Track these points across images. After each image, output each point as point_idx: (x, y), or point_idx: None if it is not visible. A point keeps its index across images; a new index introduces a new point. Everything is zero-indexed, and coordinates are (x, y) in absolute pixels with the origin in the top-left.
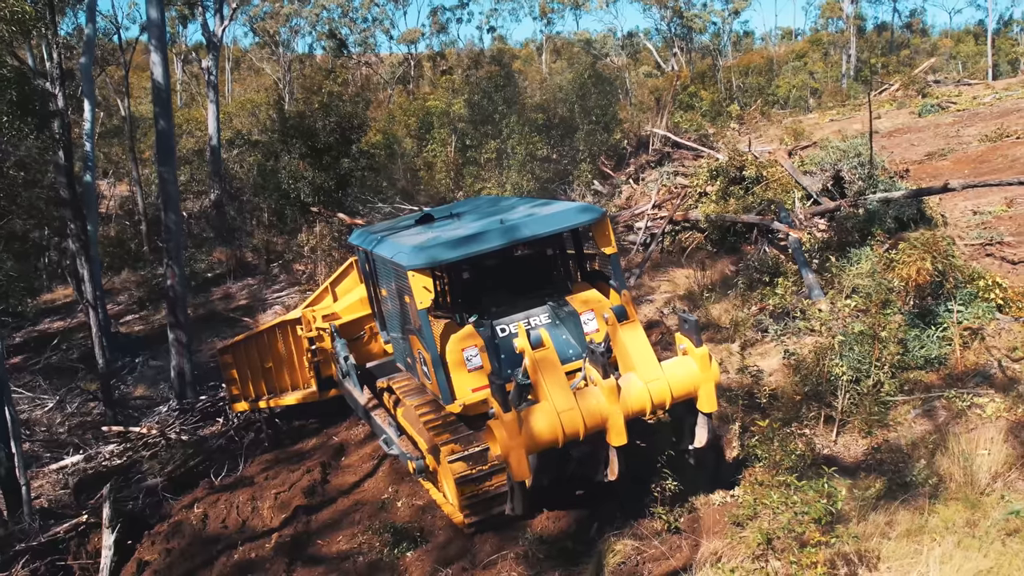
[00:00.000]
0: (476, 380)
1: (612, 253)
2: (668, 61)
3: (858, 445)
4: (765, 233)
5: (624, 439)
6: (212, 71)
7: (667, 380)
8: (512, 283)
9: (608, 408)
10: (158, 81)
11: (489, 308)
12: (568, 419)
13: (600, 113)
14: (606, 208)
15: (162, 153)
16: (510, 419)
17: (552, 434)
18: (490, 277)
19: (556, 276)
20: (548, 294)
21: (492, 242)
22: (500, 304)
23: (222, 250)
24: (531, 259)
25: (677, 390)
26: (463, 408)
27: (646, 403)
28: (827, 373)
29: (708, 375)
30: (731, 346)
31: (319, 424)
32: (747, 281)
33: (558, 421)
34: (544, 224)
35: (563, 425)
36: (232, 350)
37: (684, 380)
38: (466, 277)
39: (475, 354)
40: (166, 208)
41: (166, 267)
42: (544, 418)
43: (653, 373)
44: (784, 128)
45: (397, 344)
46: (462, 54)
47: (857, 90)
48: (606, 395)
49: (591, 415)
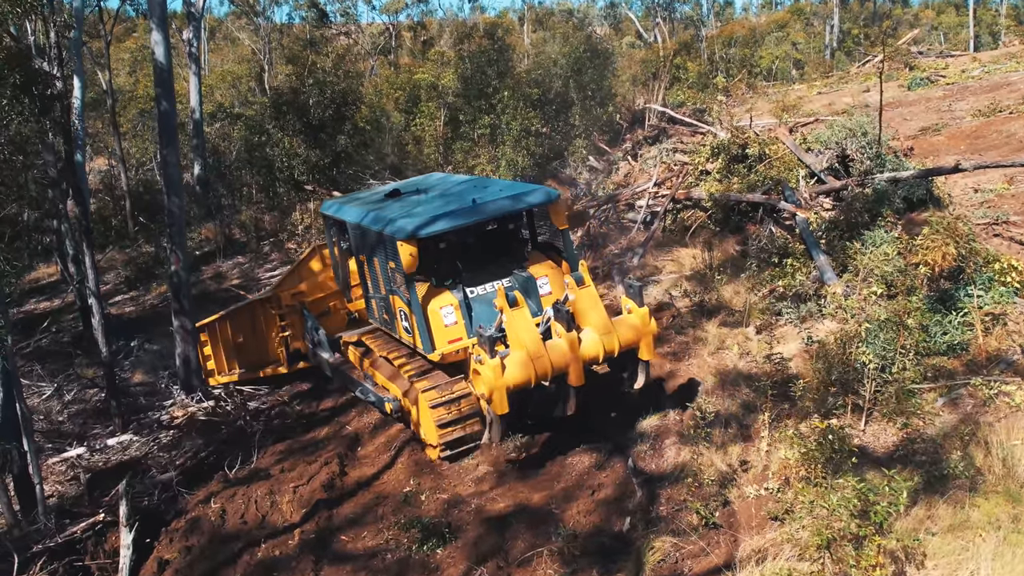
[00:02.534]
0: (451, 334)
1: (564, 229)
2: (650, 31)
3: (887, 434)
4: (770, 212)
5: (582, 381)
6: (193, 43)
7: (616, 334)
8: (481, 253)
9: (570, 355)
10: (160, 61)
11: (461, 274)
12: (539, 364)
13: (595, 88)
14: (603, 183)
15: (164, 135)
16: (495, 364)
17: (527, 376)
18: (462, 247)
19: (516, 247)
20: (510, 263)
21: (470, 217)
22: (471, 271)
23: (209, 227)
24: (496, 232)
25: (624, 341)
26: (441, 357)
27: (599, 351)
28: (853, 361)
29: (647, 330)
30: (746, 330)
31: (330, 412)
32: (759, 263)
33: (532, 365)
34: (512, 202)
35: (535, 368)
36: (207, 328)
37: (629, 334)
38: (442, 247)
39: (451, 312)
40: (168, 192)
41: (169, 252)
42: (520, 363)
43: (605, 328)
44: (773, 101)
45: (376, 303)
46: (443, 24)
47: (844, 62)
48: (569, 345)
49: (557, 361)
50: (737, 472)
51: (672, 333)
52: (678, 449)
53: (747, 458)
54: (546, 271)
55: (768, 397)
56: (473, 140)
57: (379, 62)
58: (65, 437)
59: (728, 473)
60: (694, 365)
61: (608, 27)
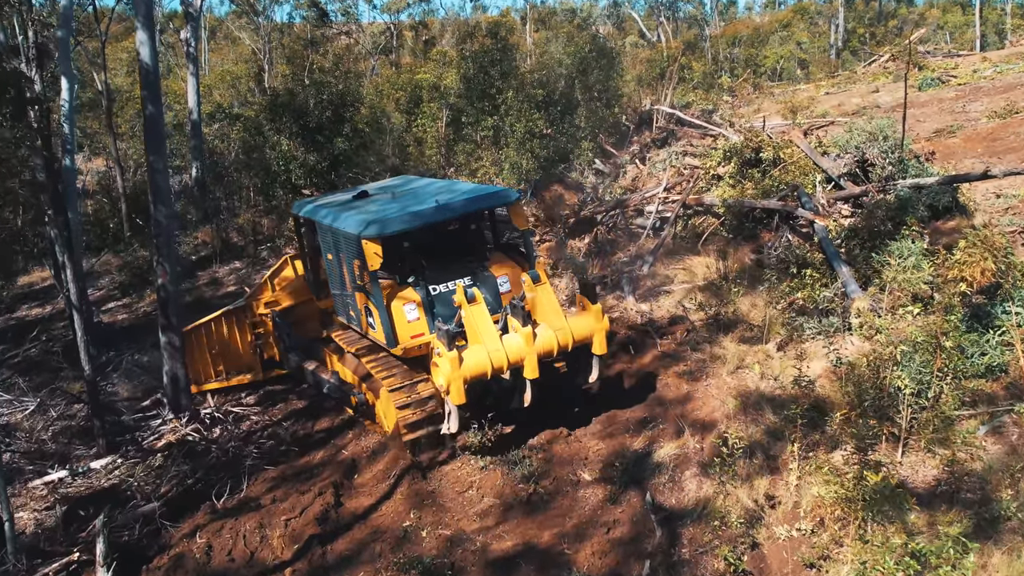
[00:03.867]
0: (413, 329)
1: (525, 229)
2: (653, 31)
3: (926, 467)
4: (786, 219)
5: (536, 374)
6: (191, 42)
7: (570, 329)
8: (444, 252)
9: (525, 349)
10: (146, 62)
11: (424, 272)
12: (496, 357)
13: (601, 89)
14: (610, 187)
15: (151, 140)
16: (452, 356)
17: (483, 368)
18: (426, 246)
19: (479, 247)
20: (472, 261)
21: (431, 217)
22: (434, 269)
23: (206, 230)
24: (459, 232)
25: (577, 336)
26: (404, 351)
27: (554, 346)
28: (887, 386)
29: (600, 326)
30: (766, 347)
31: (325, 434)
32: (777, 274)
33: (488, 358)
34: (473, 203)
35: (492, 361)
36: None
37: (582, 329)
38: (406, 246)
39: (413, 308)
40: (155, 200)
41: (156, 264)
42: (477, 356)
43: (559, 323)
44: (780, 102)
45: (343, 300)
46: (445, 23)
47: (851, 62)
48: (524, 339)
49: (513, 354)
50: (765, 509)
51: (687, 350)
52: (699, 482)
53: (775, 493)
54: (506, 270)
55: (798, 427)
56: (476, 142)
57: (380, 62)
58: (48, 458)
59: (755, 510)
60: (712, 386)
61: (611, 26)
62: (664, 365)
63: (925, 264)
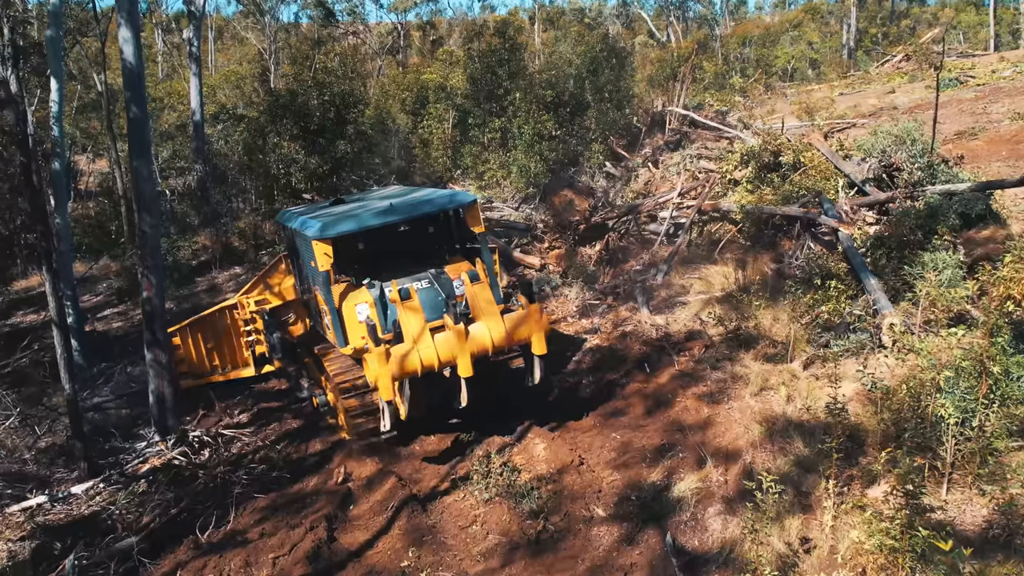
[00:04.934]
0: (365, 330)
1: (480, 232)
2: (663, 30)
3: (974, 506)
4: (808, 227)
5: (470, 372)
6: (194, 42)
7: (505, 328)
8: (402, 254)
9: (458, 347)
10: (129, 61)
11: (381, 273)
12: (425, 354)
13: (612, 89)
14: (621, 191)
15: (136, 145)
16: (379, 352)
17: (412, 365)
18: (384, 248)
19: (437, 249)
20: (430, 263)
21: (376, 220)
22: (391, 270)
23: (207, 234)
24: (417, 235)
25: (514, 336)
26: (354, 351)
27: (488, 345)
28: (930, 415)
29: (539, 326)
30: (792, 366)
31: (319, 457)
32: (799, 286)
33: (417, 355)
34: (421, 207)
35: (421, 359)
36: (179, 332)
37: (520, 328)
38: (361, 247)
39: (365, 309)
40: (140, 208)
41: (141, 276)
42: (406, 353)
43: (494, 322)
44: (793, 103)
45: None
46: (452, 23)
47: (866, 62)
48: (456, 337)
49: (444, 352)
50: (799, 554)
51: (706, 369)
52: (724, 520)
53: (809, 534)
54: (463, 273)
55: (833, 461)
56: (483, 144)
57: (387, 62)
58: (28, 480)
59: (788, 556)
60: (735, 410)
61: (620, 26)
62: (682, 385)
63: (960, 277)
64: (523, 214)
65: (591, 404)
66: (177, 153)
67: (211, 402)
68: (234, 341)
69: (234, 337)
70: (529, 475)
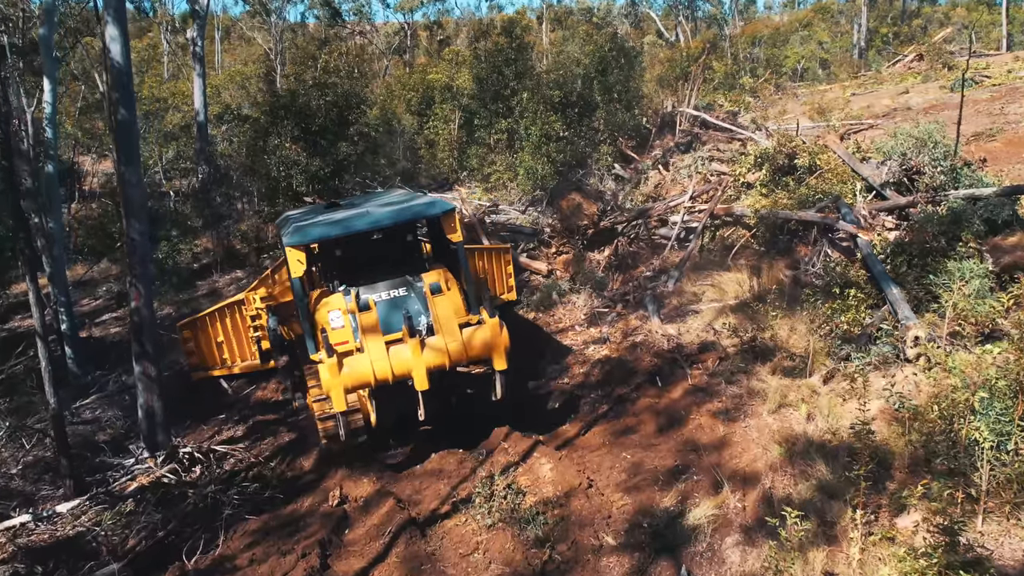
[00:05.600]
0: (337, 337)
1: (457, 241)
2: (671, 30)
3: (1012, 539)
4: (825, 233)
5: (426, 386)
6: (198, 42)
7: (463, 342)
8: (379, 261)
9: (413, 360)
10: (117, 60)
11: (357, 280)
12: (379, 366)
13: (621, 90)
14: (631, 194)
15: (124, 149)
16: (332, 363)
17: (365, 377)
18: (363, 255)
19: (415, 257)
20: (407, 271)
21: (349, 228)
22: (368, 278)
23: (208, 237)
24: (395, 242)
25: (472, 351)
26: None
27: (445, 359)
28: (963, 439)
29: (499, 341)
30: (811, 381)
31: (315, 475)
32: (817, 294)
33: (370, 367)
34: (397, 215)
35: (375, 371)
36: (190, 325)
37: (478, 343)
38: (338, 254)
39: (338, 316)
40: (128, 215)
41: (130, 286)
42: (359, 364)
43: (453, 336)
44: (806, 104)
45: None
46: (460, 23)
47: (878, 62)
48: (411, 350)
49: (398, 365)
50: None
51: (721, 383)
52: (743, 552)
53: (834, 569)
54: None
55: (861, 490)
56: (489, 145)
57: (394, 62)
58: (13, 497)
59: None
60: (752, 428)
61: (628, 26)
62: (696, 401)
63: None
64: (530, 218)
65: (600, 420)
66: (181, 154)
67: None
68: (242, 336)
69: (242, 332)
70: (535, 498)
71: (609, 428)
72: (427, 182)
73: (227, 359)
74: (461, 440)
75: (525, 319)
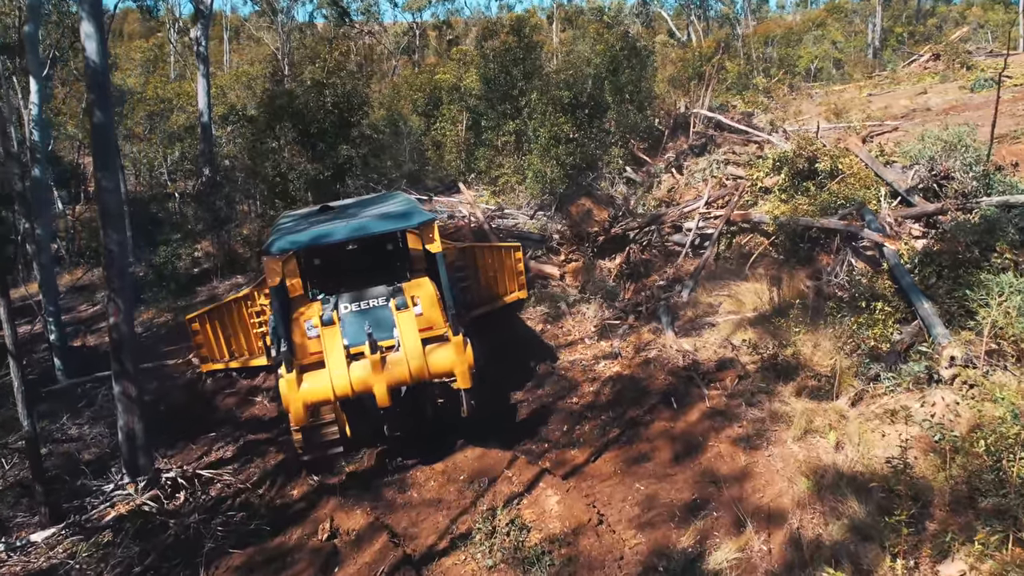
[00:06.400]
0: (314, 346)
1: (436, 252)
2: (683, 30)
3: None
4: (848, 241)
5: (387, 403)
6: (202, 41)
7: (425, 359)
8: (359, 271)
9: (372, 377)
10: (92, 59)
11: (338, 289)
12: (339, 382)
13: (633, 90)
14: (643, 199)
15: (99, 153)
16: (291, 378)
17: (324, 393)
18: (343, 264)
19: (397, 267)
20: (388, 281)
21: (321, 239)
22: (349, 287)
23: (209, 241)
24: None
25: (434, 369)
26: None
27: (406, 376)
28: (1013, 477)
29: (461, 359)
30: (838, 404)
31: (305, 503)
32: (841, 306)
33: (330, 383)
34: (376, 225)
35: (334, 387)
36: (199, 319)
37: (441, 361)
38: (317, 263)
39: (313, 325)
40: (104, 225)
41: (108, 301)
42: (319, 380)
43: (415, 353)
44: (821, 104)
45: None
46: (469, 23)
47: (894, 61)
48: (372, 367)
49: (358, 381)
50: None
51: (741, 405)
52: None
53: None
54: (418, 293)
55: (903, 539)
56: (496, 147)
57: (402, 62)
58: None
59: None
60: (776, 457)
61: (640, 25)
62: (714, 426)
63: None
64: (538, 223)
65: (611, 446)
66: (186, 155)
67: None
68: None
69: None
70: (540, 535)
71: (621, 455)
72: (434, 184)
73: (235, 352)
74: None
75: (532, 331)
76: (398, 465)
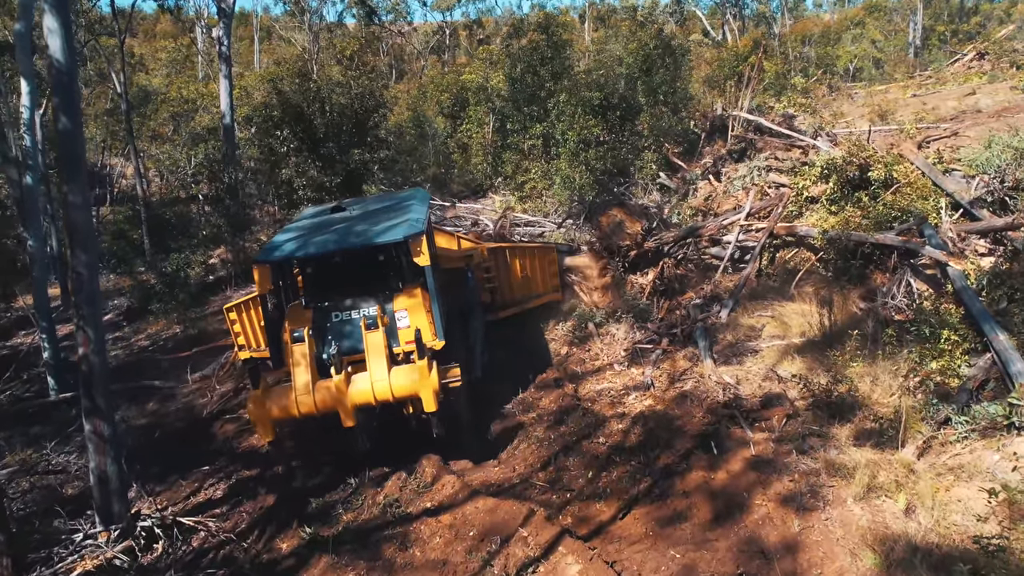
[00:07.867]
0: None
1: (424, 265)
2: (718, 29)
3: None
4: (906, 258)
5: (351, 422)
6: (224, 41)
7: (389, 382)
8: (353, 280)
9: (336, 397)
10: (57, 58)
11: (331, 297)
12: (303, 401)
13: (667, 91)
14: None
15: (65, 164)
16: (257, 395)
17: (289, 410)
18: (337, 273)
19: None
20: (379, 292)
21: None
22: (341, 296)
23: (225, 248)
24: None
25: (398, 391)
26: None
27: (370, 397)
28: None
29: (425, 383)
30: (904, 455)
31: (294, 560)
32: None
33: (294, 401)
34: (366, 237)
35: (298, 405)
36: (235, 309)
37: (405, 384)
38: (309, 272)
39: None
40: (74, 245)
41: (77, 329)
42: (284, 397)
43: (379, 375)
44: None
45: None
46: (500, 22)
47: (939, 60)
48: (336, 387)
49: (322, 400)
50: None
51: (791, 453)
52: None
53: None
54: (408, 306)
55: None
56: (523, 151)
57: (431, 62)
58: None
59: None
60: (835, 522)
61: (674, 24)
62: (760, 480)
63: None
64: (565, 233)
65: (641, 500)
66: (210, 156)
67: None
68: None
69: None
70: None
71: (652, 512)
72: (459, 189)
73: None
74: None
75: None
76: (401, 515)
